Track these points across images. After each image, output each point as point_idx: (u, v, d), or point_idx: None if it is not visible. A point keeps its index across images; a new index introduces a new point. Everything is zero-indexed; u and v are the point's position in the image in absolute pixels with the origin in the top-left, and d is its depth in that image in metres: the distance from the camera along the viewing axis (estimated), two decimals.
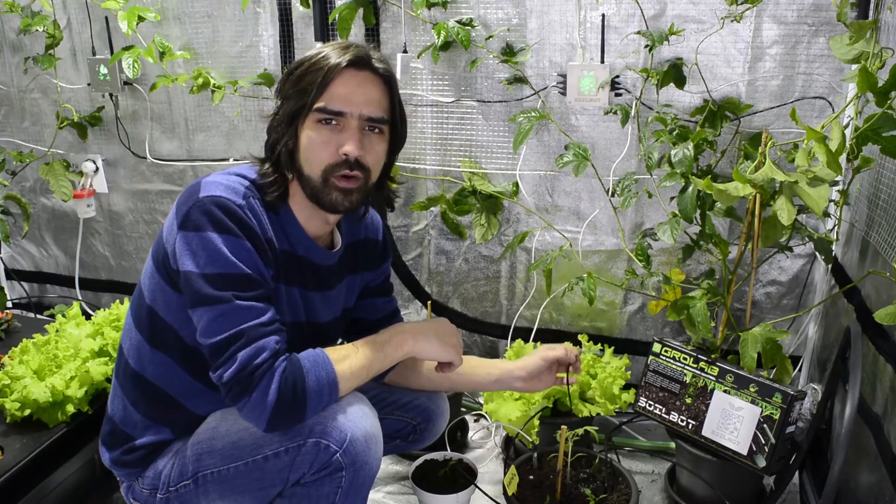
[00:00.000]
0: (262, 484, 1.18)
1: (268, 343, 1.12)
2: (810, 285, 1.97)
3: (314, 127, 1.20)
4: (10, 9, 2.30)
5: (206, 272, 1.12)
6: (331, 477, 1.14)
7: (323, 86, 1.18)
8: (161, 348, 1.25)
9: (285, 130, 1.22)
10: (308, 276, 1.30)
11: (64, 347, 1.68)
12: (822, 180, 1.21)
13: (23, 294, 2.81)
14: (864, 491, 1.43)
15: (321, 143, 1.19)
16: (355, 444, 1.14)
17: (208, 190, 1.15)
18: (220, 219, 1.12)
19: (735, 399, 1.54)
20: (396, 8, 2.05)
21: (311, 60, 1.20)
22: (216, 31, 2.25)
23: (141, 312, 1.26)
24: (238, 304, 1.12)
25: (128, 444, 1.29)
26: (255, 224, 1.16)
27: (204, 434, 1.24)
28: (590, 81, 1.91)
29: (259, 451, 1.16)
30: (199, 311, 1.13)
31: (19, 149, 2.55)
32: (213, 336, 1.12)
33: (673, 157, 1.59)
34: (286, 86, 1.23)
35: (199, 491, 1.22)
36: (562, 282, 2.03)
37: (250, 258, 1.14)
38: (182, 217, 1.14)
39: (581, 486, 1.54)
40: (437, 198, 2.09)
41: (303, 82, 1.19)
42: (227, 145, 2.37)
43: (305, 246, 1.28)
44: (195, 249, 1.12)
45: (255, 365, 1.10)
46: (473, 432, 2.09)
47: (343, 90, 1.19)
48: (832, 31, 1.77)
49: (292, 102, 1.20)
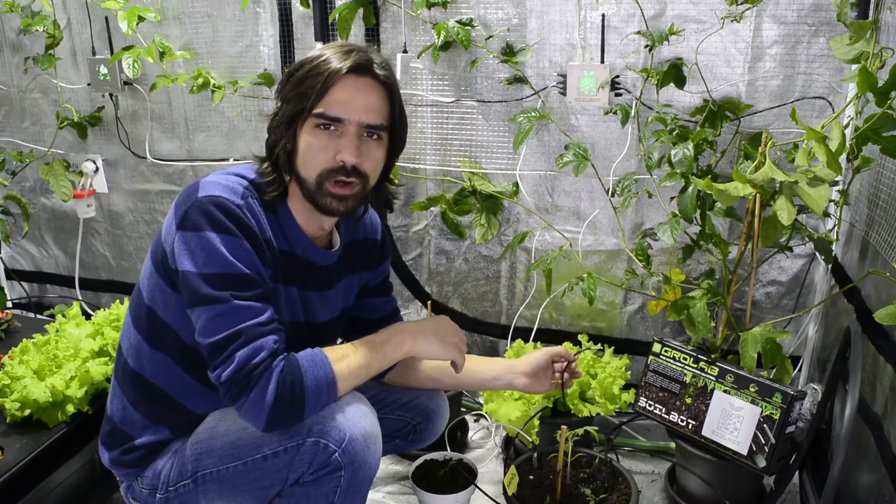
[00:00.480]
0: (262, 483, 1.18)
1: (266, 343, 1.12)
2: (810, 285, 1.97)
3: (312, 131, 1.19)
4: (10, 9, 2.30)
5: (205, 272, 1.11)
6: (329, 476, 1.14)
7: (322, 91, 1.17)
8: (160, 348, 1.25)
9: (284, 132, 1.21)
10: (306, 276, 1.30)
11: (64, 347, 1.68)
12: (822, 180, 1.21)
13: (23, 294, 2.81)
14: (864, 491, 1.43)
15: (319, 148, 1.19)
16: (354, 444, 1.14)
17: (207, 190, 1.15)
18: (219, 218, 1.12)
19: (735, 399, 1.54)
20: (396, 8, 2.05)
21: (311, 63, 1.20)
22: (216, 31, 2.25)
23: (140, 312, 1.26)
24: (236, 304, 1.12)
25: (127, 444, 1.29)
26: (254, 224, 1.16)
27: (203, 434, 1.24)
28: (590, 81, 1.91)
29: (258, 451, 1.16)
30: (197, 311, 1.13)
31: (19, 149, 2.55)
32: (212, 336, 1.11)
33: (673, 157, 1.59)
34: (286, 87, 1.22)
35: (198, 490, 1.22)
36: (562, 282, 2.03)
37: (248, 258, 1.14)
38: (180, 217, 1.14)
39: (581, 486, 1.54)
40: (437, 198, 2.09)
41: (303, 86, 1.19)
42: (227, 145, 2.37)
43: (304, 246, 1.28)
44: (193, 249, 1.12)
45: (254, 364, 1.10)
46: (473, 432, 2.09)
47: (342, 96, 1.18)
48: (832, 31, 1.77)
49: (292, 105, 1.20)
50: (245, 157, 2.35)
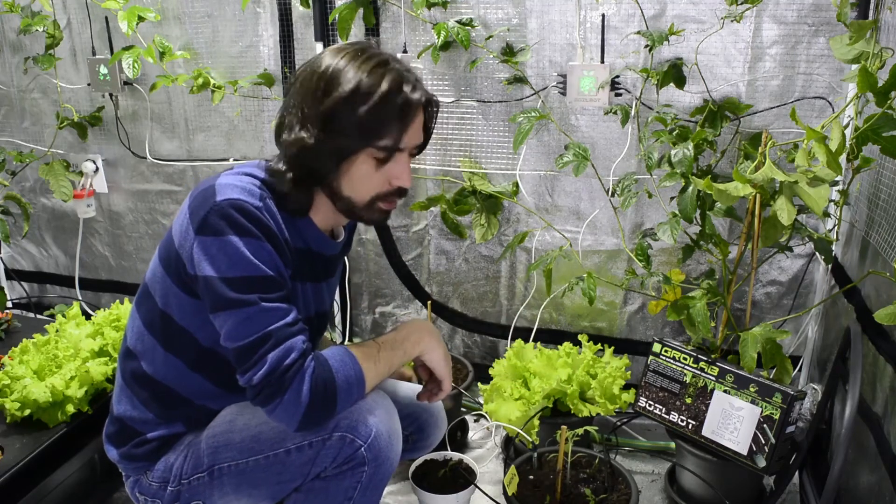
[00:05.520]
0: (282, 478, 1.18)
1: (296, 343, 1.12)
2: (810, 285, 1.97)
3: (370, 160, 1.18)
4: (10, 9, 2.30)
5: (228, 276, 1.10)
6: (353, 471, 1.15)
7: (402, 129, 1.16)
8: (175, 352, 1.25)
9: (330, 160, 1.17)
10: (319, 269, 1.32)
11: (64, 347, 1.68)
12: (822, 180, 1.21)
13: (23, 294, 2.81)
14: (864, 491, 1.43)
15: (376, 175, 1.19)
16: (379, 440, 1.15)
17: (225, 193, 1.13)
18: (241, 222, 1.11)
19: (735, 399, 1.54)
20: (396, 8, 2.05)
21: (374, 94, 1.12)
22: (216, 31, 2.25)
23: (154, 316, 1.25)
24: (264, 307, 1.11)
25: (138, 438, 1.28)
26: (273, 225, 1.15)
27: (219, 427, 1.24)
28: (590, 81, 1.91)
29: (281, 445, 1.16)
30: (222, 316, 1.12)
31: (19, 149, 2.55)
32: (240, 340, 1.11)
33: (673, 157, 1.59)
34: (336, 117, 1.13)
35: (213, 484, 1.22)
36: (562, 282, 2.03)
37: (271, 260, 1.14)
38: (199, 222, 1.12)
39: (581, 486, 1.54)
40: (437, 198, 2.09)
41: (373, 121, 1.14)
42: (227, 145, 2.37)
43: (318, 240, 1.29)
44: (214, 254, 1.11)
45: (286, 366, 1.09)
46: (473, 432, 2.09)
47: (415, 129, 1.20)
48: (832, 31, 1.77)
49: (350, 140, 1.15)
50: (245, 156, 2.35)
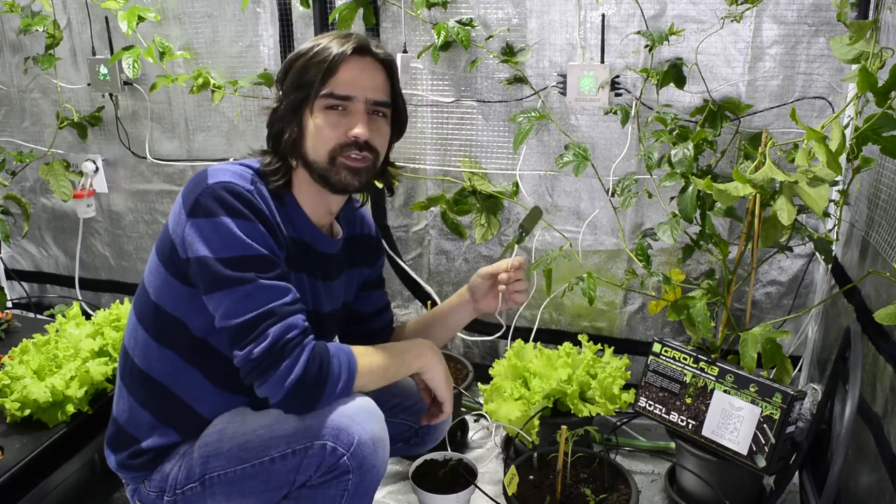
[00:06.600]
0: (269, 486, 1.18)
1: (297, 321, 1.14)
2: (810, 285, 1.97)
3: (321, 113, 1.22)
4: (10, 9, 2.30)
5: (223, 256, 1.12)
6: (337, 480, 1.14)
7: (329, 72, 1.20)
8: (168, 345, 1.25)
9: (290, 120, 1.24)
10: (314, 263, 1.31)
11: (64, 347, 1.68)
12: (822, 180, 1.21)
13: (23, 294, 2.81)
14: (864, 491, 1.43)
15: (330, 126, 1.22)
16: (363, 448, 1.14)
17: (217, 177, 1.16)
18: (233, 203, 1.13)
19: (735, 399, 1.54)
20: (396, 8, 2.05)
21: (312, 51, 1.23)
22: (216, 31, 2.25)
23: (146, 310, 1.26)
24: (262, 283, 1.12)
25: (134, 447, 1.29)
26: (265, 208, 1.18)
27: (211, 436, 1.24)
28: (590, 81, 1.91)
29: (266, 453, 1.16)
30: (218, 296, 1.13)
31: (19, 149, 2.56)
32: (240, 316, 1.11)
33: (673, 157, 1.59)
34: (288, 77, 1.24)
35: (205, 493, 1.22)
36: (562, 282, 2.03)
37: (265, 240, 1.15)
38: (191, 205, 1.14)
39: (581, 486, 1.55)
40: (437, 198, 2.09)
41: (308, 72, 1.21)
42: (227, 145, 2.37)
43: (310, 233, 1.29)
44: (208, 235, 1.12)
45: (288, 339, 1.11)
46: (473, 432, 2.09)
47: (349, 76, 1.22)
48: (832, 31, 1.77)
49: (296, 92, 1.23)
50: (245, 157, 2.35)
